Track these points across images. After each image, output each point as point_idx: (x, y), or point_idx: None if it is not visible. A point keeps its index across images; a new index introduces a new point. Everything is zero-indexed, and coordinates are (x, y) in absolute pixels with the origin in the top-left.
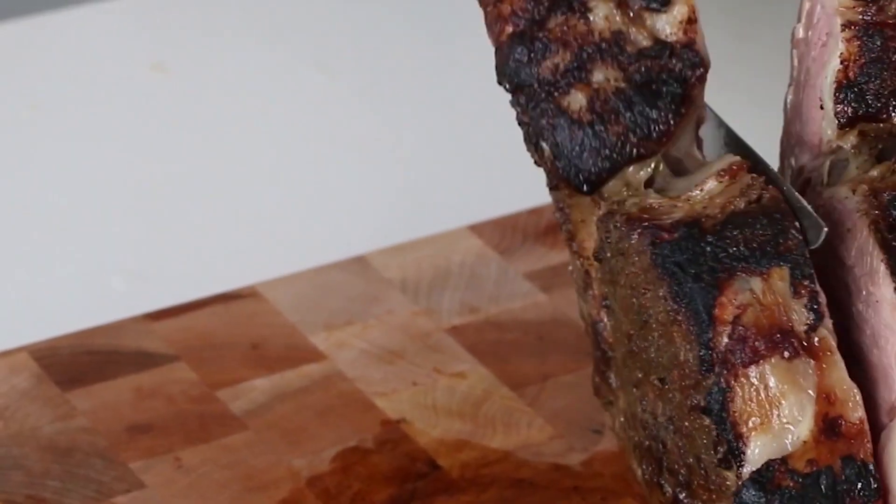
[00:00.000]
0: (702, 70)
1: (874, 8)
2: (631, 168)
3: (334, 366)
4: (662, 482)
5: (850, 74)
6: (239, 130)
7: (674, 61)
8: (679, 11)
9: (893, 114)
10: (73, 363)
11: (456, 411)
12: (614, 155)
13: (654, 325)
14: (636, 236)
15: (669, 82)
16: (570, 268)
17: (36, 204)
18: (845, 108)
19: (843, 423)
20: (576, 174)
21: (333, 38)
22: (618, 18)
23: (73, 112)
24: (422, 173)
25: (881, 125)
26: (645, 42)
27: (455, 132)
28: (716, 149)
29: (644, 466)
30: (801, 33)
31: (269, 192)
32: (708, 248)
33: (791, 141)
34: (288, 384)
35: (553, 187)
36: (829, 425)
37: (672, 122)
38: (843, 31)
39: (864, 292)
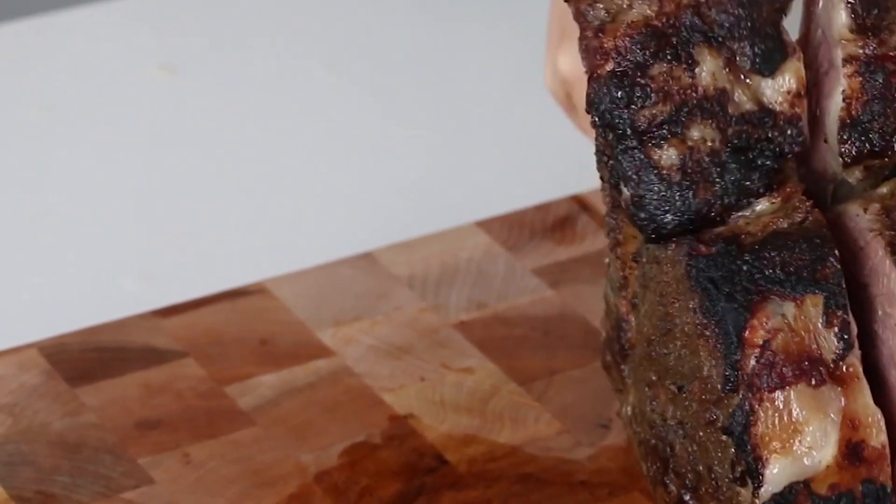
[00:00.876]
0: (800, 148)
1: (875, 41)
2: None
3: (342, 361)
4: (667, 482)
5: (854, 113)
6: (246, 129)
7: (775, 133)
8: (788, 81)
9: None
10: (82, 360)
11: (463, 406)
12: (695, 218)
13: (678, 335)
14: (673, 245)
15: (766, 154)
16: (607, 260)
17: (44, 203)
18: (849, 148)
19: (866, 447)
20: (654, 229)
21: (340, 36)
22: (724, 76)
23: (81, 112)
24: (429, 170)
25: (886, 160)
26: (748, 105)
27: (462, 129)
28: None
29: (649, 464)
30: (801, 44)
31: (277, 190)
32: (744, 268)
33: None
34: (296, 380)
35: (614, 206)
36: (852, 450)
37: (761, 196)
38: (844, 66)
39: (880, 313)
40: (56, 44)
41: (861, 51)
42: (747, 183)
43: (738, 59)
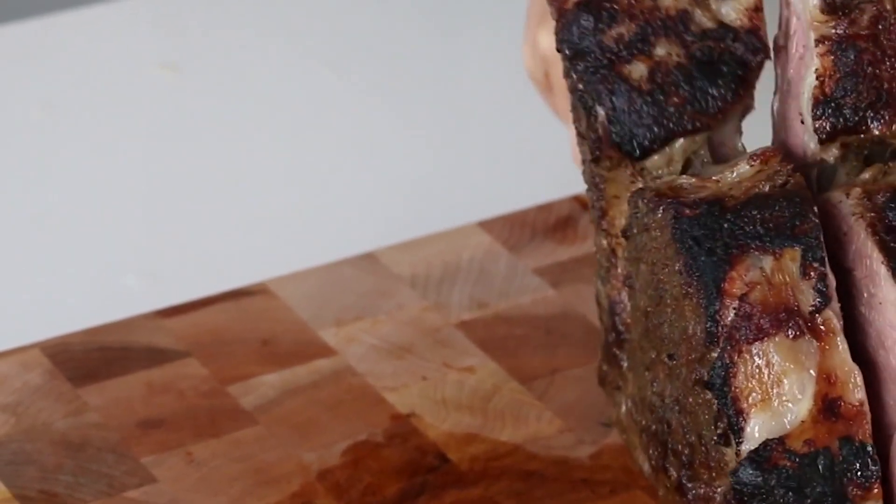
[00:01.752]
0: (762, 56)
1: (846, 21)
2: (679, 142)
3: (344, 361)
4: (668, 466)
5: (826, 90)
6: (249, 129)
7: (736, 45)
8: (744, 0)
9: (872, 125)
10: (85, 359)
11: (465, 405)
12: (670, 124)
13: (668, 301)
14: (661, 212)
15: (730, 63)
16: (595, 248)
17: (47, 203)
18: (823, 124)
19: (843, 404)
20: (629, 139)
21: (343, 35)
22: None
23: (84, 111)
24: (431, 170)
25: (862, 136)
26: (709, 24)
27: (464, 129)
28: None
29: (651, 451)
30: (781, 41)
31: (279, 190)
32: (725, 225)
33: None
34: (298, 379)
35: (594, 159)
36: (828, 406)
37: (729, 99)
38: (816, 45)
39: (865, 295)
40: (58, 43)
41: (833, 31)
42: (714, 90)
43: None
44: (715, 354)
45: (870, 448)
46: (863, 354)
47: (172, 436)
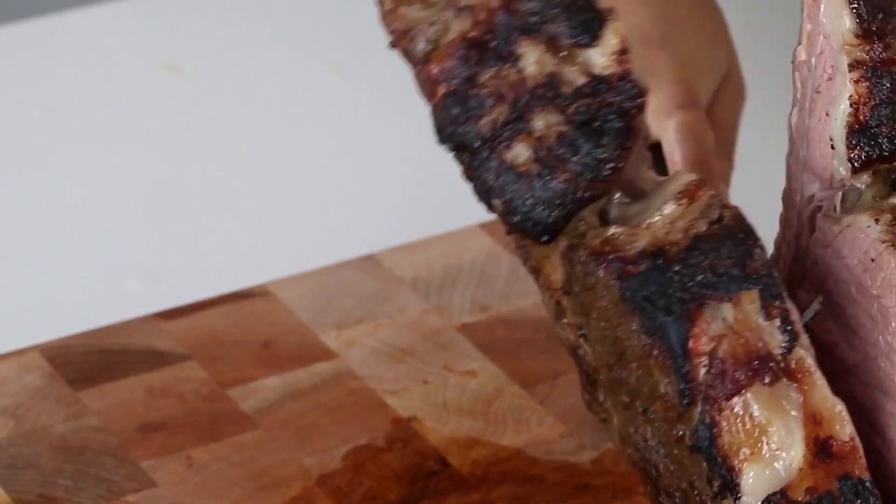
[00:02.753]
0: (641, 100)
1: (881, 45)
2: (586, 208)
3: (345, 364)
4: (662, 501)
5: (861, 118)
6: (251, 130)
7: (612, 95)
8: (610, 43)
9: None
10: (85, 362)
11: (466, 409)
12: (567, 202)
13: (630, 357)
14: (602, 271)
15: (610, 118)
16: (542, 297)
17: (47, 205)
18: (859, 153)
19: (835, 442)
20: (533, 227)
21: (344, 37)
22: (549, 60)
23: (85, 113)
24: (433, 172)
25: (895, 164)
26: (580, 79)
27: None
28: None
29: (644, 485)
30: (802, 55)
31: (280, 192)
32: (675, 278)
33: (799, 166)
34: (299, 383)
35: (509, 232)
36: (820, 448)
37: (620, 158)
38: (850, 70)
39: (893, 324)
40: (61, 44)
41: (867, 55)
42: (601, 150)
43: (558, 40)
44: (695, 414)
45: (868, 482)
46: (888, 383)
47: (172, 439)
